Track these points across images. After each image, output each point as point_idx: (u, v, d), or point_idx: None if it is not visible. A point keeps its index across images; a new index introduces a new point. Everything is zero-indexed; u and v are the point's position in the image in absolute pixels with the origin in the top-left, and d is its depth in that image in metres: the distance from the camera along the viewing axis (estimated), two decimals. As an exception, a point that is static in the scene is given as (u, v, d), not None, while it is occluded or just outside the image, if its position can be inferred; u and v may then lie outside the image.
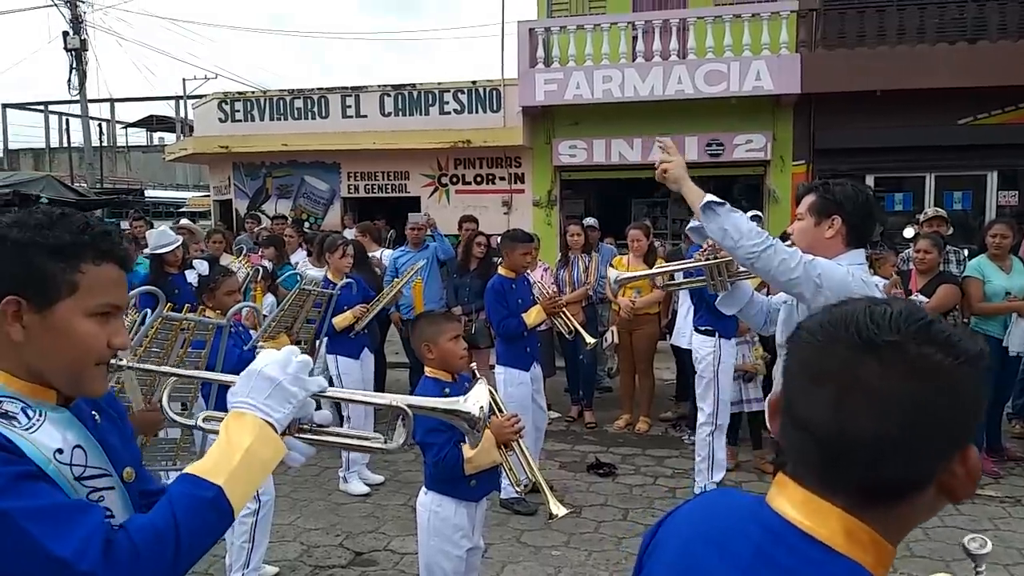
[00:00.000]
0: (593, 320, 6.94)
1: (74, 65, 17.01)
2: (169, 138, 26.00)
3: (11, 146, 29.47)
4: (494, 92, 11.94)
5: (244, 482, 1.26)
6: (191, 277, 5.53)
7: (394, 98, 12.42)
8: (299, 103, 12.75)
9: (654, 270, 4.23)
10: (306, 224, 11.99)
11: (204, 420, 1.44)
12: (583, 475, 5.66)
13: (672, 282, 4.19)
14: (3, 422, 1.19)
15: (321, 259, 5.65)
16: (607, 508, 5.05)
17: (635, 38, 10.88)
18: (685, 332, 6.00)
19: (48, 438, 1.23)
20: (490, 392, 2.67)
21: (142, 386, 2.54)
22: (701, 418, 5.12)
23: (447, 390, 2.98)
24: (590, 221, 8.01)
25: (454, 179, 12.55)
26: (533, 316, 5.04)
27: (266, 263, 6.88)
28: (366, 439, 1.48)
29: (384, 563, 4.31)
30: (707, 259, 3.24)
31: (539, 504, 5.04)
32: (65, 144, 28.06)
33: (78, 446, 1.26)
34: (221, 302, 3.90)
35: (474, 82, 12.11)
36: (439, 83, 12.30)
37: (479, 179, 12.49)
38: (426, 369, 3.14)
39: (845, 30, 10.79)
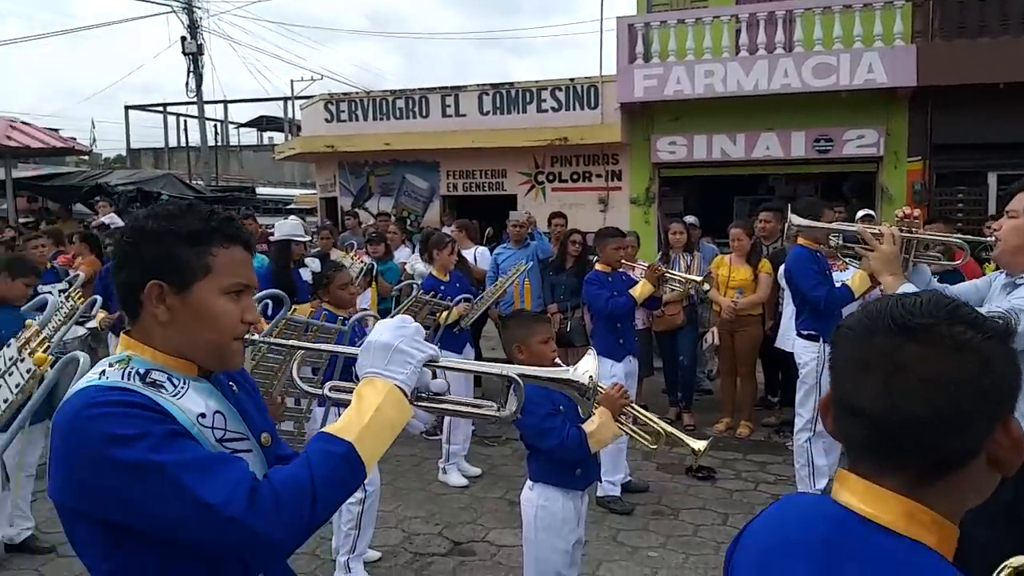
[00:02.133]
0: (693, 321, 6.83)
1: (191, 68, 17.96)
2: (278, 138, 27.09)
3: (133, 146, 31.32)
4: (592, 89, 11.88)
5: (374, 440, 1.34)
6: (306, 275, 5.77)
7: (492, 97, 12.54)
8: (400, 103, 13.05)
9: (832, 225, 3.92)
10: (407, 222, 12.27)
11: (331, 390, 1.52)
12: (681, 478, 5.59)
13: (845, 245, 3.79)
14: (152, 390, 1.30)
15: (425, 256, 5.80)
16: (706, 512, 4.97)
17: (738, 31, 10.59)
18: (790, 335, 5.83)
19: (192, 404, 1.34)
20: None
21: (262, 380, 2.68)
22: (799, 424, 4.97)
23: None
24: (691, 219, 7.88)
25: (551, 177, 12.57)
26: (640, 289, 5.05)
27: (367, 259, 7.10)
28: (479, 407, 1.52)
29: (482, 554, 4.38)
30: (901, 231, 2.94)
31: (636, 504, 5.02)
32: (183, 144, 29.61)
33: (219, 412, 1.38)
34: (336, 296, 4.11)
35: (572, 79, 12.09)
36: (537, 81, 12.34)
37: (575, 177, 12.46)
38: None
39: (965, 20, 10.18)
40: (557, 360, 3.09)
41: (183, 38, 19.00)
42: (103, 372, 1.33)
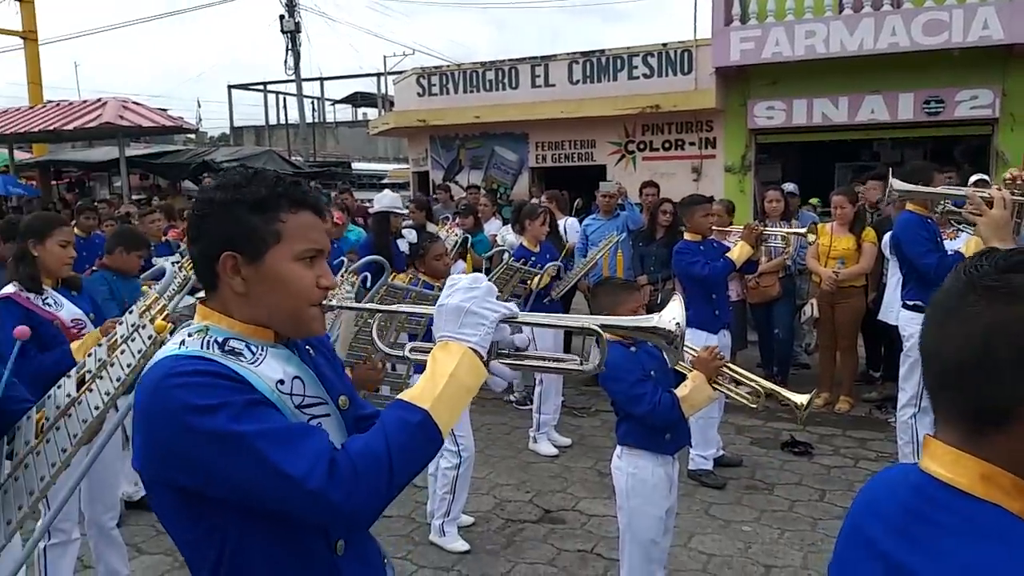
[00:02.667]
0: (791, 293, 6.63)
1: (289, 47, 18.48)
2: (372, 113, 27.63)
3: (236, 123, 32.58)
4: (685, 54, 11.56)
5: (449, 406, 1.31)
6: (403, 246, 5.92)
7: (582, 65, 12.38)
8: (490, 75, 13.07)
9: (937, 189, 3.73)
10: (498, 194, 12.35)
11: (411, 351, 1.51)
12: (776, 452, 5.47)
13: (953, 210, 3.59)
14: (231, 358, 1.30)
15: (517, 227, 5.84)
16: (802, 487, 4.86)
17: (843, -11, 10.08)
18: (895, 307, 5.58)
19: (270, 370, 1.33)
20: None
21: (365, 346, 2.76)
22: (902, 399, 4.77)
23: (633, 348, 3.02)
24: (790, 187, 7.62)
25: (641, 146, 12.35)
26: (738, 251, 4.94)
27: (459, 231, 7.19)
28: (562, 361, 1.50)
29: (572, 522, 4.43)
30: (1013, 195, 2.78)
31: (728, 478, 4.95)
32: (282, 121, 30.60)
33: (297, 377, 1.37)
34: (431, 267, 4.23)
35: (664, 44, 11.80)
36: (628, 48, 12.10)
37: (667, 145, 12.20)
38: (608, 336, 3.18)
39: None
40: None
41: (281, 16, 19.54)
42: (182, 342, 1.33)
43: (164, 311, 1.64)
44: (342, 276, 3.38)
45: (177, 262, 5.69)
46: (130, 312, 1.71)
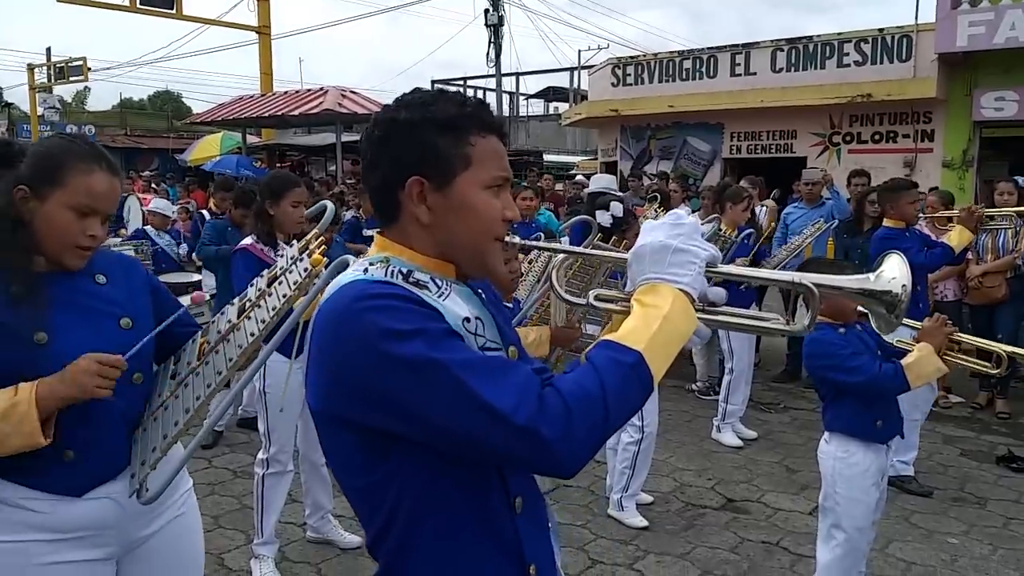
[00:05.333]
0: (1020, 296, 5.98)
1: (491, 39, 19.10)
2: (563, 108, 27.97)
3: (436, 116, 34.13)
4: (904, 39, 10.73)
5: (662, 352, 1.15)
6: (604, 219, 5.98)
7: (787, 53, 11.85)
8: (687, 64, 12.83)
9: None
10: (689, 181, 12.11)
11: (595, 299, 1.35)
12: (990, 466, 4.98)
13: None
14: (417, 289, 1.20)
15: (716, 208, 5.69)
16: (1020, 505, 4.39)
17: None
18: None
19: (455, 306, 1.23)
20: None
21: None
22: None
23: (841, 330, 2.87)
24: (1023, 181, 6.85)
25: (847, 137, 11.63)
26: (957, 236, 4.53)
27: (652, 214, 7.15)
28: (763, 320, 1.32)
29: (756, 514, 4.28)
30: None
31: (934, 487, 4.57)
32: (479, 114, 31.62)
33: (478, 318, 1.26)
34: (632, 243, 4.26)
35: (881, 30, 11.02)
36: (839, 33, 11.43)
37: (877, 137, 11.40)
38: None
39: None
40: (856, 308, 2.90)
41: (486, 10, 20.24)
42: (365, 270, 1.23)
43: (322, 246, 1.72)
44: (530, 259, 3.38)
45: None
46: (290, 246, 1.81)
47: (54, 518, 1.72)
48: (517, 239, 1.33)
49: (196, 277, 6.46)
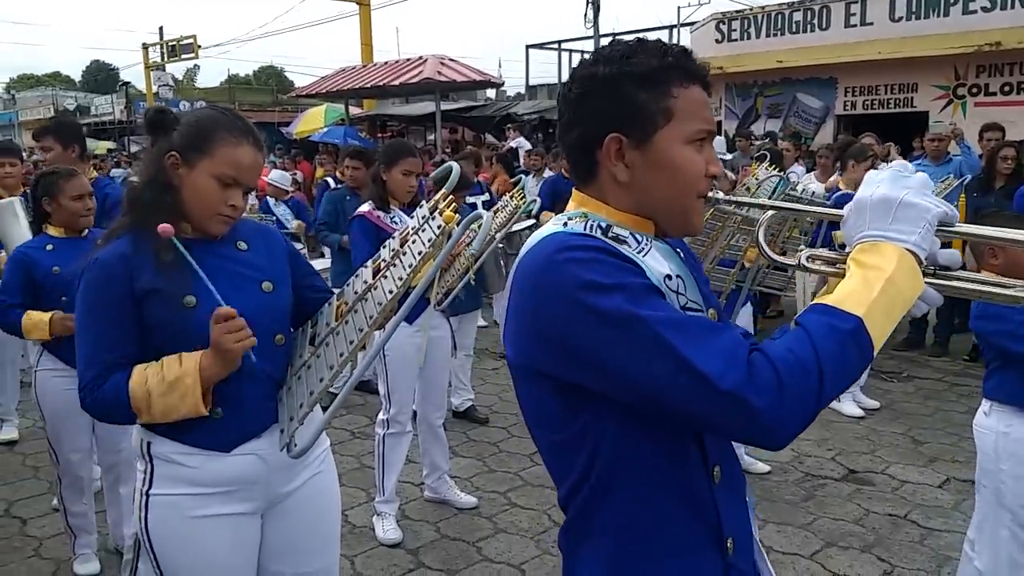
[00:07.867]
0: None
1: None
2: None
3: (532, 82, 33.90)
4: (1041, -20, 9.87)
5: (884, 317, 1.06)
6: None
7: (907, 1, 11.10)
8: (798, 16, 12.22)
9: None
10: (801, 139, 11.62)
11: (808, 259, 1.25)
12: None
13: None
14: (617, 244, 1.17)
15: (836, 166, 5.41)
16: None
17: None
18: None
19: (656, 263, 1.19)
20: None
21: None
22: None
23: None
24: None
25: (974, 90, 10.84)
26: None
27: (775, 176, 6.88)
28: (1006, 286, 1.16)
29: (881, 486, 4.11)
30: None
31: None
32: (573, 78, 31.19)
33: (680, 276, 1.21)
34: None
35: (1014, -29, 10.17)
36: (967, -23, 10.61)
37: (1008, 88, 10.58)
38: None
39: None
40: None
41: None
42: (565, 224, 1.21)
43: (451, 204, 1.71)
44: None
45: (487, 201, 6.15)
46: (420, 206, 1.82)
47: (204, 472, 1.80)
48: (720, 195, 1.25)
49: (298, 246, 6.69)
